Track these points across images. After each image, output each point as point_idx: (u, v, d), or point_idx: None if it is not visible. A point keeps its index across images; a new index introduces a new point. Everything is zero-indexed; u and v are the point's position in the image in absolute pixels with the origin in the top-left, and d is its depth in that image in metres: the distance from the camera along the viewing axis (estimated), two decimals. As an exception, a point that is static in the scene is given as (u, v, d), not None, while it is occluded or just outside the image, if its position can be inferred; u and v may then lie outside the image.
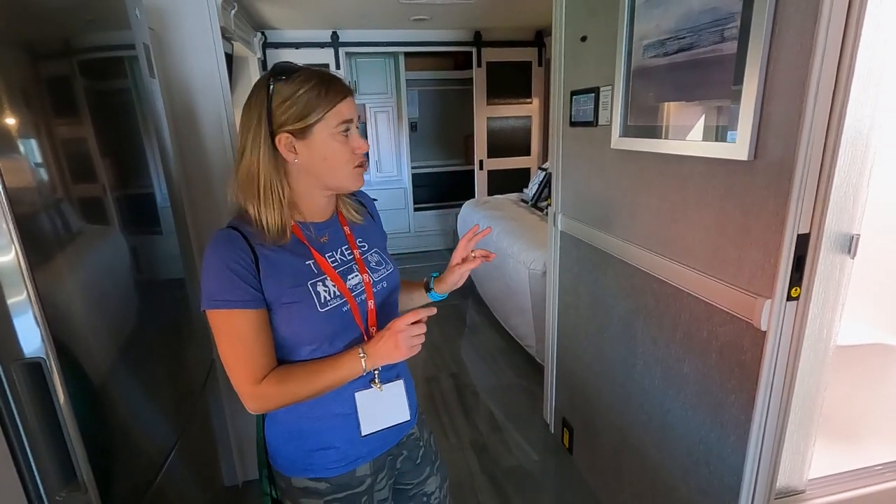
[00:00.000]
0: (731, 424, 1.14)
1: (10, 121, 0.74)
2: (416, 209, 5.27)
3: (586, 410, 1.90)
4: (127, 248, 1.09)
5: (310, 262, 0.86)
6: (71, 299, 0.84)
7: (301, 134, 0.81)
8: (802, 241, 0.96)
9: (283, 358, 0.86)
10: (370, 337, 0.89)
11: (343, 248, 0.92)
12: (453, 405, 2.54)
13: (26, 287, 0.72)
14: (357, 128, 0.86)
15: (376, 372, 0.88)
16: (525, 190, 4.22)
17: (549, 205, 2.11)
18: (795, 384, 1.06)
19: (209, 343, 1.61)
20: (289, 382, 0.82)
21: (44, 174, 0.83)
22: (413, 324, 0.82)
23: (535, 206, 3.76)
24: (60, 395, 0.76)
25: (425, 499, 1.10)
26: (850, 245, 1.03)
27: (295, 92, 0.80)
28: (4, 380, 0.72)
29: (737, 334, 1.09)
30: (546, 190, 3.59)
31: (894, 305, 1.57)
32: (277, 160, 0.82)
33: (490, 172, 4.85)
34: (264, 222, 0.82)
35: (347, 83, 0.85)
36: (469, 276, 1.01)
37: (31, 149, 0.80)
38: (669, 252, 1.30)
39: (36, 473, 0.77)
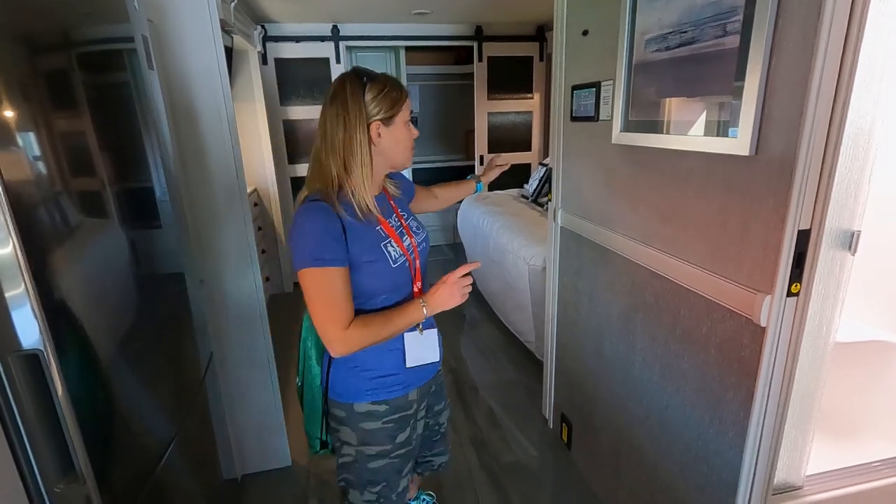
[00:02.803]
0: (729, 420, 1.14)
1: (9, 114, 0.74)
2: (416, 204, 5.26)
3: (585, 406, 1.90)
4: (126, 241, 1.09)
5: (378, 227, 1.08)
6: (69, 292, 0.84)
7: (387, 122, 1.04)
8: (803, 238, 0.96)
9: (359, 307, 1.06)
10: (418, 288, 1.14)
11: (393, 216, 1.15)
12: (453, 401, 2.55)
13: (24, 280, 0.71)
14: None
15: (424, 306, 1.08)
16: (525, 185, 4.21)
17: (550, 200, 2.10)
18: (794, 380, 1.06)
19: (208, 337, 1.61)
20: (370, 327, 1.02)
21: (42, 168, 0.83)
22: (463, 276, 1.07)
23: (535, 201, 3.75)
24: (58, 386, 0.76)
25: (437, 427, 1.41)
26: (850, 241, 1.03)
27: (381, 90, 1.03)
28: (2, 372, 0.72)
29: (736, 330, 1.09)
30: (546, 185, 3.58)
31: (893, 302, 1.57)
32: (368, 143, 1.03)
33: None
34: (357, 195, 1.03)
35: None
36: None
37: (29, 142, 0.79)
38: (669, 248, 1.30)
39: (34, 465, 0.77)
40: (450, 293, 1.07)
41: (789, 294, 0.99)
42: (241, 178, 1.73)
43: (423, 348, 1.16)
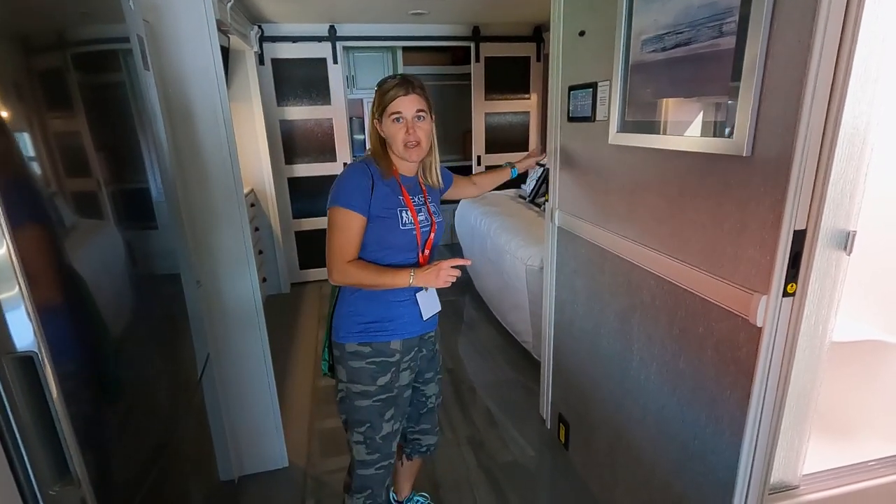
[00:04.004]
0: (725, 420, 1.15)
1: (3, 114, 0.73)
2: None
3: (582, 406, 1.91)
4: (122, 242, 1.08)
5: (400, 197, 1.31)
6: (64, 294, 0.84)
7: (379, 119, 1.30)
8: (799, 238, 0.96)
9: (364, 254, 1.29)
10: (423, 256, 1.35)
11: (419, 196, 1.37)
12: (450, 401, 2.55)
13: (18, 281, 0.71)
14: (417, 118, 1.27)
15: (412, 276, 1.26)
16: (523, 186, 4.21)
17: (547, 201, 2.10)
18: (790, 380, 1.07)
19: (205, 337, 1.61)
20: (364, 270, 1.25)
21: (37, 168, 0.82)
22: (454, 267, 1.25)
23: (532, 201, 3.76)
24: (53, 389, 0.75)
25: (423, 398, 1.55)
26: (846, 241, 1.03)
27: (378, 92, 1.28)
28: (-4, 374, 0.72)
29: (732, 330, 1.09)
30: (544, 186, 3.59)
31: (889, 302, 1.57)
32: (377, 132, 1.32)
33: (488, 168, 4.83)
34: (379, 162, 1.31)
35: (412, 86, 1.26)
36: (466, 272, 1.16)
37: (23, 142, 0.79)
38: (666, 248, 1.30)
39: (29, 468, 0.76)
40: (436, 274, 1.24)
41: (785, 294, 0.99)
42: (237, 179, 1.72)
43: (430, 302, 1.38)
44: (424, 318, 1.37)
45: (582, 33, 1.68)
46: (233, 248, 1.76)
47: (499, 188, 4.52)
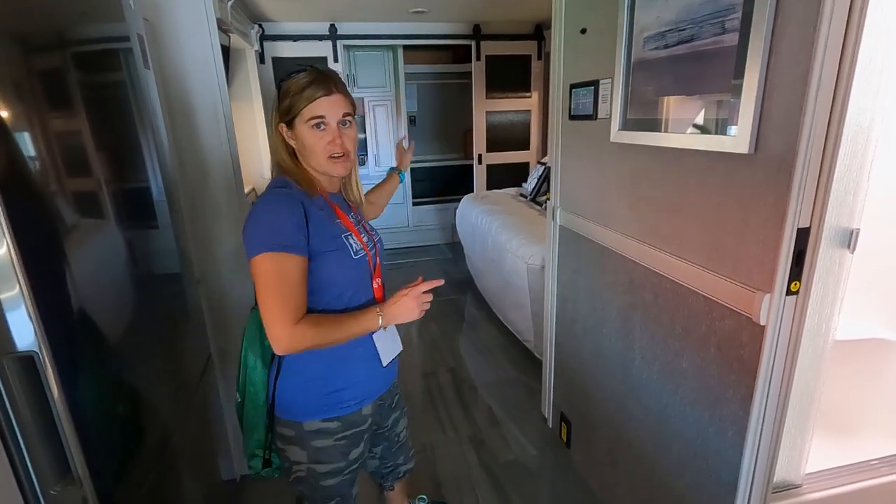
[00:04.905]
0: (728, 419, 1.14)
1: (3, 114, 0.73)
2: (414, 203, 5.26)
3: (584, 405, 1.90)
4: (122, 242, 1.08)
5: (337, 220, 1.06)
6: (65, 293, 0.84)
7: (289, 126, 1.02)
8: (802, 236, 0.95)
9: (312, 304, 1.01)
10: (378, 286, 1.11)
11: (351, 213, 1.13)
12: (452, 400, 2.55)
13: (19, 281, 0.71)
14: (343, 124, 1.02)
15: (381, 315, 1.04)
16: (524, 184, 4.21)
17: (548, 199, 2.10)
18: (794, 379, 1.06)
19: (206, 337, 1.61)
20: (321, 326, 0.97)
21: (37, 168, 0.82)
22: (424, 292, 1.04)
23: (533, 200, 3.75)
24: (54, 388, 0.75)
25: (395, 437, 1.37)
26: (849, 239, 1.03)
27: (287, 91, 1.00)
28: (-3, 374, 0.72)
29: (735, 329, 1.09)
30: (545, 184, 3.58)
31: (893, 300, 1.57)
32: (286, 143, 1.04)
33: (489, 167, 4.83)
34: (298, 182, 1.02)
35: (334, 83, 1.01)
36: (467, 270, 1.13)
37: (24, 142, 0.79)
38: (668, 246, 1.30)
39: (30, 468, 0.76)
40: (408, 307, 1.02)
41: (789, 292, 0.99)
42: (238, 178, 1.72)
43: (389, 343, 1.15)
44: (385, 364, 1.13)
45: (583, 31, 1.67)
46: (233, 247, 1.76)
47: (500, 187, 4.55)
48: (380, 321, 1.01)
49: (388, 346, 1.15)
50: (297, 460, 1.08)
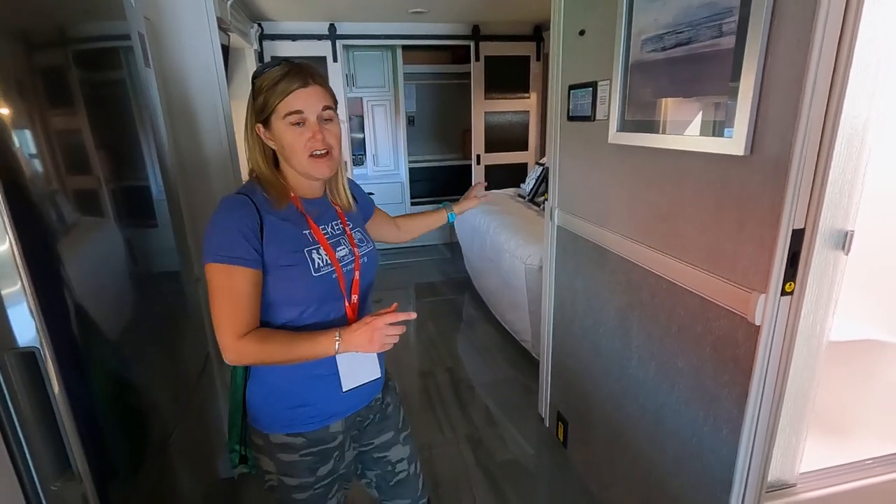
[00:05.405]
0: (723, 418, 1.15)
1: (4, 111, 0.74)
2: (413, 203, 5.27)
3: (581, 405, 1.91)
4: (122, 240, 1.09)
5: (307, 231, 0.97)
6: (65, 291, 0.84)
7: (266, 124, 0.94)
8: (797, 237, 0.96)
9: (267, 319, 0.95)
10: (350, 306, 1.00)
11: (334, 222, 1.03)
12: (449, 399, 2.55)
13: (21, 277, 0.71)
14: (324, 118, 0.94)
15: (338, 341, 0.94)
16: (522, 185, 4.22)
17: (546, 200, 2.11)
18: (788, 379, 1.07)
19: (205, 335, 1.61)
20: (268, 344, 0.90)
21: (38, 166, 0.82)
22: (391, 324, 0.89)
23: (532, 200, 3.76)
24: (55, 385, 0.76)
25: (390, 467, 1.17)
26: (844, 241, 1.04)
27: (261, 87, 0.92)
28: (-2, 370, 0.72)
29: (731, 329, 1.10)
30: (543, 185, 3.59)
31: (887, 301, 1.58)
32: (263, 144, 0.96)
33: (487, 167, 4.85)
34: (266, 189, 0.95)
35: (311, 75, 0.92)
36: (465, 271, 1.08)
37: (25, 140, 0.79)
38: (665, 247, 1.31)
39: (30, 463, 0.77)
40: (369, 338, 0.89)
41: (783, 293, 1.00)
42: (237, 176, 1.73)
43: (359, 367, 1.02)
44: (344, 390, 1.00)
45: (582, 32, 1.68)
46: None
47: (498, 187, 4.56)
48: (336, 346, 0.89)
49: (356, 370, 1.02)
50: (268, 470, 1.03)
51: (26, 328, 0.73)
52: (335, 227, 1.02)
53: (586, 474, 1.92)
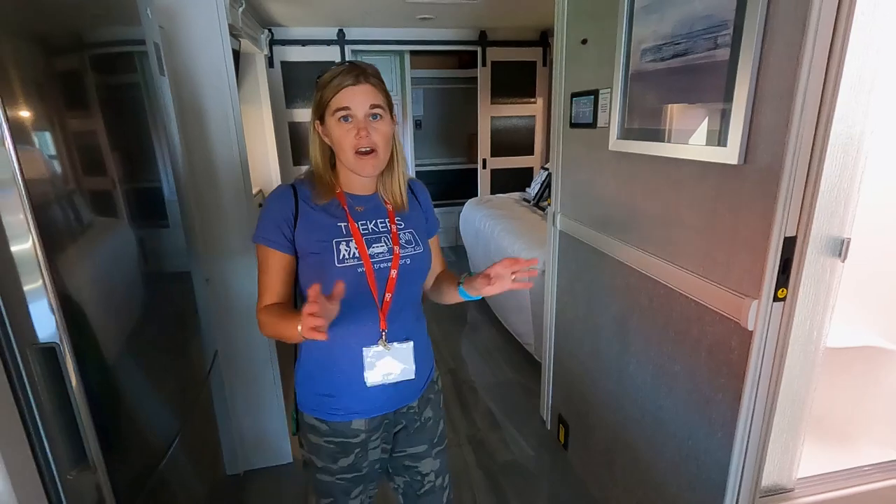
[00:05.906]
0: (718, 422, 1.17)
1: (26, 113, 0.76)
2: (418, 206, 5.28)
3: (582, 407, 1.93)
4: (135, 240, 1.12)
5: (342, 224, 0.99)
6: (82, 288, 0.88)
7: (322, 121, 0.99)
8: (789, 244, 0.98)
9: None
10: (382, 301, 1.00)
11: (380, 220, 1.04)
12: (451, 401, 2.58)
13: (42, 274, 0.75)
14: (372, 116, 0.96)
15: (384, 332, 1.00)
16: (527, 189, 4.24)
17: (550, 204, 2.13)
18: (782, 383, 1.09)
19: (213, 334, 1.65)
20: (266, 316, 0.96)
21: (57, 166, 0.85)
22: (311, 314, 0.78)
23: (536, 205, 3.78)
24: (73, 379, 0.79)
25: (419, 477, 1.17)
26: (840, 249, 1.05)
27: (320, 85, 0.98)
28: (20, 363, 0.76)
29: (725, 334, 1.12)
30: (547, 190, 3.61)
31: (886, 308, 1.59)
32: (319, 140, 1.01)
33: (493, 171, 4.87)
34: (315, 182, 1.01)
35: (365, 74, 0.96)
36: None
37: (45, 141, 0.82)
38: (663, 252, 1.33)
39: (49, 453, 0.80)
40: (296, 322, 0.83)
41: (776, 299, 1.02)
42: (246, 179, 1.77)
43: (388, 365, 1.01)
44: (368, 385, 1.01)
45: (584, 41, 1.71)
46: (241, 247, 1.80)
47: (503, 191, 4.57)
48: (298, 328, 0.82)
49: (384, 366, 1.01)
50: (303, 444, 1.11)
51: (47, 323, 0.76)
52: (379, 225, 1.03)
53: (586, 476, 1.94)
